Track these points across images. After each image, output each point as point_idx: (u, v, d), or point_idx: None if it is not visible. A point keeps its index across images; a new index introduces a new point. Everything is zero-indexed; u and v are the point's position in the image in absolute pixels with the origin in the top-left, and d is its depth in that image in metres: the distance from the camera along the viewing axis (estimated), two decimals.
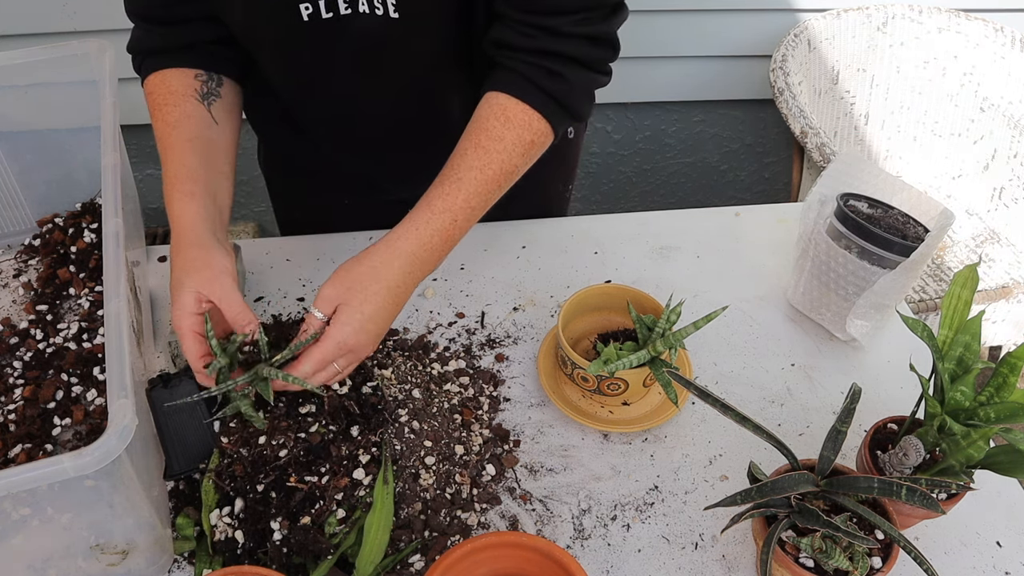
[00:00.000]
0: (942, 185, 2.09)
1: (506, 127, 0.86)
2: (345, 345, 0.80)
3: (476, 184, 0.85)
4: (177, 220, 0.85)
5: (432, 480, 0.84)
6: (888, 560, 0.71)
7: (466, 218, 0.86)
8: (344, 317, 0.79)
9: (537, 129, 0.88)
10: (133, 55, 0.96)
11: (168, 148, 0.89)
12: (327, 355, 0.79)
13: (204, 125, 0.91)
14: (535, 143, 0.89)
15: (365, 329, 0.80)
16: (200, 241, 0.82)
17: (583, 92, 0.91)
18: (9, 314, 1.03)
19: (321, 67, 0.94)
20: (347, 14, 0.86)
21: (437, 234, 0.84)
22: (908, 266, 0.90)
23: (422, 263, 0.84)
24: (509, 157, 0.86)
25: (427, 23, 0.88)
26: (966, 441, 0.73)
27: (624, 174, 2.35)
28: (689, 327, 0.87)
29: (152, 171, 2.13)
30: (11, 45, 1.72)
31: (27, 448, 0.85)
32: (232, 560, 0.79)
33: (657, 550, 0.83)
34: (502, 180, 0.87)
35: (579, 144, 1.25)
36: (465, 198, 0.85)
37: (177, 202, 0.85)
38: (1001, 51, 1.91)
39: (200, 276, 0.80)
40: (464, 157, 0.86)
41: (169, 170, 0.88)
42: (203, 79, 0.94)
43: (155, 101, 0.92)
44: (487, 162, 0.85)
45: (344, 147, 1.09)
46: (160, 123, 0.91)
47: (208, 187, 0.87)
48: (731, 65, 2.10)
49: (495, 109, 0.87)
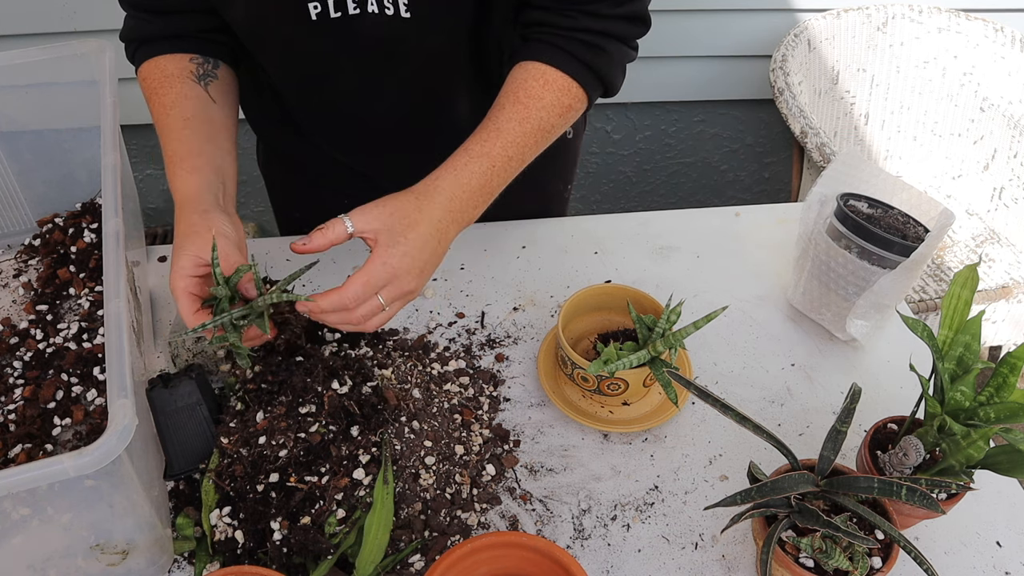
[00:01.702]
0: (942, 185, 2.09)
1: (545, 88, 0.87)
2: (392, 268, 0.76)
3: (514, 135, 0.85)
4: (179, 192, 0.83)
5: (432, 480, 0.84)
6: (888, 560, 0.71)
7: (503, 167, 0.85)
8: (388, 239, 0.76)
9: (575, 95, 0.89)
10: (127, 44, 0.96)
11: (167, 129, 0.88)
12: (373, 277, 0.75)
13: (202, 104, 0.90)
14: (572, 107, 0.90)
15: (411, 255, 0.77)
16: (202, 208, 0.81)
17: (618, 65, 0.93)
18: (9, 314, 1.03)
19: (327, 66, 0.94)
20: (355, 14, 0.86)
21: (475, 177, 0.83)
22: (908, 266, 0.90)
23: (461, 204, 0.83)
24: (548, 115, 0.87)
25: (439, 23, 0.88)
26: (966, 441, 0.73)
27: (624, 174, 2.35)
28: (689, 327, 0.87)
29: (152, 171, 2.13)
30: (11, 45, 1.73)
31: (27, 448, 0.85)
32: (232, 560, 0.79)
33: (657, 550, 0.83)
34: (539, 136, 0.87)
35: (578, 144, 1.25)
36: (503, 146, 0.84)
37: (179, 179, 0.84)
38: (1001, 51, 1.91)
39: (200, 240, 0.78)
40: (503, 110, 0.86)
41: (169, 149, 0.87)
42: (198, 62, 0.93)
43: (150, 86, 0.92)
44: (526, 116, 0.86)
45: (346, 147, 1.08)
46: (157, 106, 0.90)
47: (211, 162, 0.86)
48: (731, 65, 2.10)
49: (533, 72, 0.88)
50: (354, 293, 0.75)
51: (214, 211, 0.81)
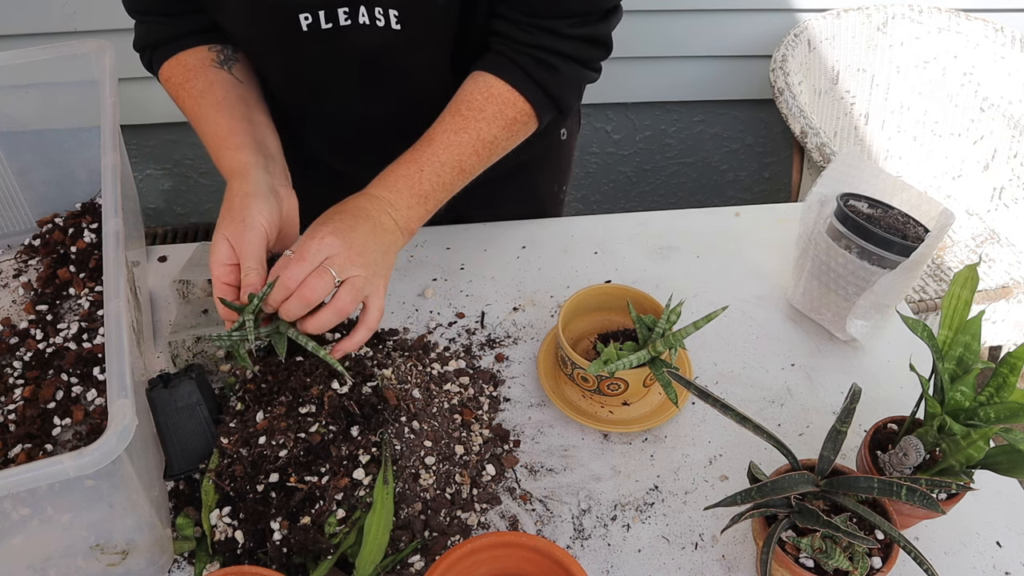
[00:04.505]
0: (942, 185, 2.09)
1: (488, 100, 0.88)
2: (326, 237, 0.78)
3: (446, 143, 0.86)
4: (227, 171, 0.84)
5: (432, 480, 0.84)
6: (888, 560, 0.71)
7: (433, 170, 0.86)
8: (317, 224, 0.80)
9: (520, 109, 0.90)
10: (141, 52, 0.96)
11: (202, 116, 0.89)
12: (303, 246, 0.77)
13: (231, 85, 0.92)
14: (517, 120, 0.90)
15: (340, 231, 0.79)
16: (245, 190, 0.82)
17: (572, 86, 0.93)
18: (9, 314, 1.03)
19: (320, 76, 0.94)
20: (347, 25, 0.86)
21: (400, 179, 0.85)
22: (908, 266, 0.90)
23: (389, 197, 0.85)
24: (488, 127, 0.88)
25: (430, 34, 0.88)
26: (966, 441, 0.73)
27: (624, 174, 2.35)
28: (689, 327, 0.87)
29: (152, 171, 2.13)
30: (11, 45, 1.72)
31: (27, 448, 0.85)
32: (232, 560, 0.79)
33: (657, 550, 0.83)
34: (478, 146, 0.88)
35: (572, 145, 1.25)
36: (433, 151, 0.86)
37: (225, 158, 0.85)
38: (1001, 51, 1.91)
39: (234, 229, 0.79)
40: (440, 122, 0.88)
41: (209, 132, 0.88)
42: (217, 49, 0.94)
43: (176, 82, 0.93)
44: (463, 126, 0.87)
45: (341, 152, 1.09)
46: (186, 98, 0.91)
47: (253, 138, 0.87)
48: (731, 65, 2.10)
49: (480, 84, 0.89)
50: (291, 269, 0.76)
51: (254, 196, 0.81)
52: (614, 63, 0.94)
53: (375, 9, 0.84)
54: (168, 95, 0.96)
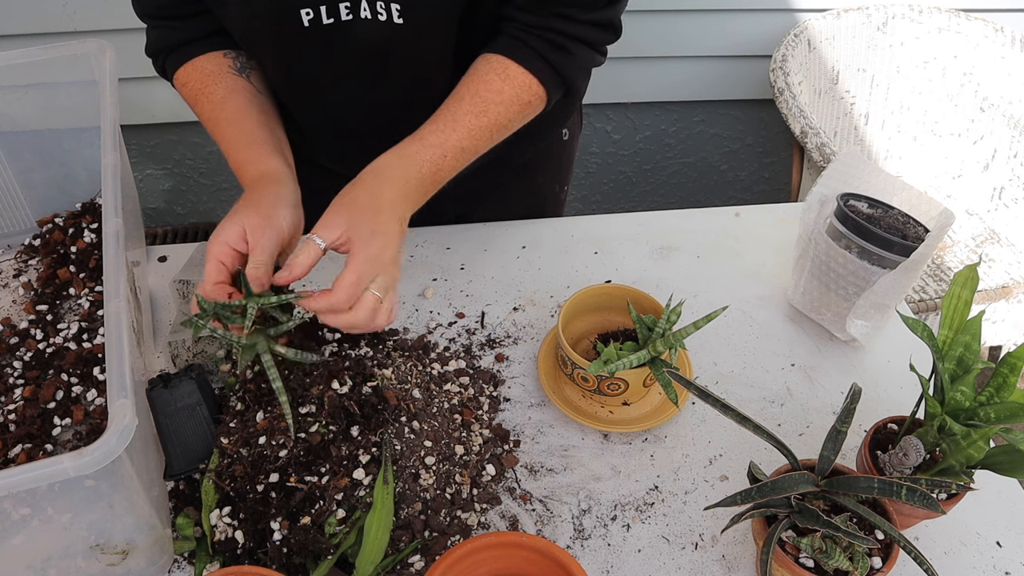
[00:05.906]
0: (942, 185, 2.09)
1: (505, 83, 0.88)
2: (376, 260, 0.76)
3: (470, 129, 0.86)
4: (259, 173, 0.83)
5: (432, 480, 0.84)
6: (888, 560, 0.71)
7: (455, 157, 0.86)
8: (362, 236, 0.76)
9: (535, 93, 0.90)
10: (154, 56, 0.96)
11: (223, 123, 0.89)
12: (363, 274, 0.74)
13: (252, 95, 0.92)
14: (531, 104, 0.90)
15: (389, 244, 0.77)
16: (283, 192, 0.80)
17: (582, 68, 0.94)
18: (9, 314, 1.03)
19: (322, 71, 0.94)
20: (348, 19, 0.86)
21: (426, 165, 0.84)
22: (908, 266, 0.90)
23: (412, 189, 0.83)
24: (505, 111, 0.88)
25: (433, 27, 0.88)
26: (966, 441, 0.73)
27: (624, 174, 2.35)
28: (689, 327, 0.87)
29: (152, 171, 2.13)
30: (11, 45, 1.72)
31: (27, 448, 0.85)
32: (232, 560, 0.79)
33: (657, 550, 0.83)
34: (495, 131, 0.88)
35: (574, 146, 1.25)
36: (458, 138, 0.85)
37: (254, 164, 0.84)
38: (1001, 51, 1.91)
39: (256, 220, 0.77)
40: (461, 102, 0.87)
41: (231, 139, 0.87)
42: (233, 56, 0.94)
43: (194, 88, 0.92)
44: (483, 110, 0.87)
45: (343, 148, 1.08)
46: (206, 104, 0.91)
47: (277, 149, 0.87)
48: (731, 65, 2.10)
49: (495, 66, 0.88)
50: (346, 294, 0.74)
51: (286, 202, 0.80)
52: (614, 63, 0.94)
53: (377, 3, 0.84)
54: (184, 99, 0.95)
